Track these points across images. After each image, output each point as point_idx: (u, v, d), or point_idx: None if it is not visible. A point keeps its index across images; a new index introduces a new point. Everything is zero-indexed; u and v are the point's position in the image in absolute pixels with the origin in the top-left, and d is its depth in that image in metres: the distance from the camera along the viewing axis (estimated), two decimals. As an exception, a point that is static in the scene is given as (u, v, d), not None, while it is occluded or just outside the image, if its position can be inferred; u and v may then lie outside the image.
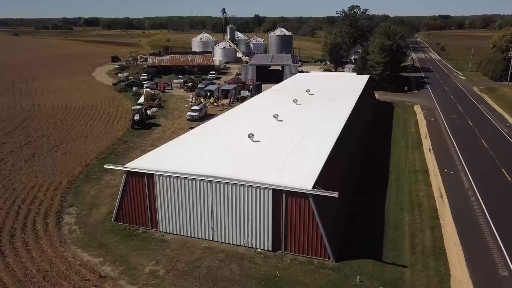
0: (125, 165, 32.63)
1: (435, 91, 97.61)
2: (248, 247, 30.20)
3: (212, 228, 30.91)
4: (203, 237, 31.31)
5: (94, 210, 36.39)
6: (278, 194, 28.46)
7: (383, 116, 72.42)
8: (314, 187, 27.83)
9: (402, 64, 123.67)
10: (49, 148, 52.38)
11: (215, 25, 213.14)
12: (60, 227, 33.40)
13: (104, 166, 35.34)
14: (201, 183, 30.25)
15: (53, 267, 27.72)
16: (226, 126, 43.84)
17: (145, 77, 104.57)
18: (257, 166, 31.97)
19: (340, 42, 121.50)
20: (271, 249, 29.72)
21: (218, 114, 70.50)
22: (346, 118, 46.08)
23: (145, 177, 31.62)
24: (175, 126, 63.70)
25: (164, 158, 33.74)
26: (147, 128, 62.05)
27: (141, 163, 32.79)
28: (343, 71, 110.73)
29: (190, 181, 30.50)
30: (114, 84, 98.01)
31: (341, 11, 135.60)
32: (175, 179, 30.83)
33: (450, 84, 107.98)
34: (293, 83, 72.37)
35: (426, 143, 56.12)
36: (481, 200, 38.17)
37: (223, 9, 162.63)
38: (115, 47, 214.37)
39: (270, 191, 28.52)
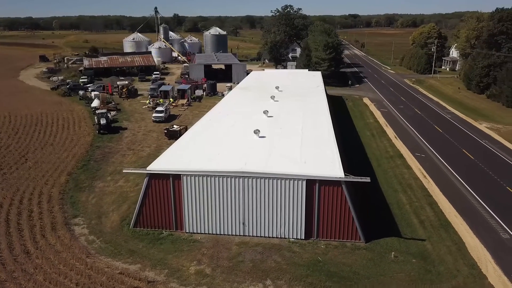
0: (147, 168, 31.64)
1: (375, 84, 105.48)
2: (280, 238, 31.21)
3: (244, 223, 31.38)
4: (234, 233, 31.62)
5: (103, 218, 34.63)
6: (311, 184, 29.88)
7: (338, 109, 76.75)
8: (345, 174, 29.77)
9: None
10: (16, 159, 47.97)
11: (140, 25, 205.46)
12: (75, 239, 31.43)
13: (124, 171, 33.90)
14: (231, 179, 30.56)
15: (92, 279, 26.30)
16: (221, 124, 43.96)
17: (85, 79, 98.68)
18: (279, 159, 33.04)
19: (280, 40, 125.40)
20: (303, 237, 31.04)
21: (181, 115, 70.17)
22: (328, 111, 48.82)
23: (171, 178, 31.02)
24: (143, 129, 61.67)
25: (184, 159, 33.27)
26: (115, 132, 59.34)
27: (162, 165, 32.04)
28: (286, 69, 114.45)
29: (219, 179, 30.63)
30: (53, 89, 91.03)
31: (275, 10, 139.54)
32: (204, 178, 30.73)
33: (384, 78, 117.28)
34: (255, 81, 73.73)
35: (390, 131, 61.13)
36: (459, 178, 43.05)
37: (155, 8, 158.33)
38: (30, 49, 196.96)
39: (304, 182, 29.83)
